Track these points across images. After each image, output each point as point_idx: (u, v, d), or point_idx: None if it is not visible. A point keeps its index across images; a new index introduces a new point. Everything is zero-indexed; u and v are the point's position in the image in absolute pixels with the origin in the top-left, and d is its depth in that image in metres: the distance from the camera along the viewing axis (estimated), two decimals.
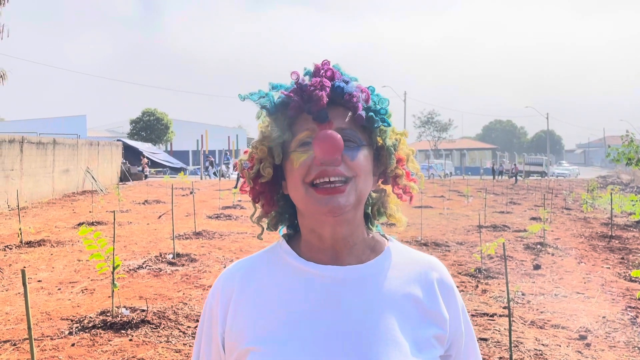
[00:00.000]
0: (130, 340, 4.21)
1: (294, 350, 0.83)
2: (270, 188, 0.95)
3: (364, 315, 0.86)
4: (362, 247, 0.93)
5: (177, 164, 33.90)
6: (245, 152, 0.98)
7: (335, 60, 0.95)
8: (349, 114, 0.89)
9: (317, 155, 0.84)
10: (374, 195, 0.99)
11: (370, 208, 1.00)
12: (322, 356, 0.82)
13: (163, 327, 4.49)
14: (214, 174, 30.60)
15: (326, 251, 0.90)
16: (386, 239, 0.98)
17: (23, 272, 2.17)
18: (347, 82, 0.90)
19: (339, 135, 0.84)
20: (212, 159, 33.22)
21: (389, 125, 0.93)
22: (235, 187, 17.55)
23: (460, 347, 0.95)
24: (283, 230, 1.01)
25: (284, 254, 0.94)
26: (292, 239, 0.97)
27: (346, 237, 0.90)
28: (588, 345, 4.46)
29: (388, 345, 0.84)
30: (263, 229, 1.00)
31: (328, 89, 0.87)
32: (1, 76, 15.32)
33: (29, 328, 2.27)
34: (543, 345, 4.41)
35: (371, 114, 0.90)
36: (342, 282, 0.88)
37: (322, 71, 0.90)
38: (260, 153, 0.92)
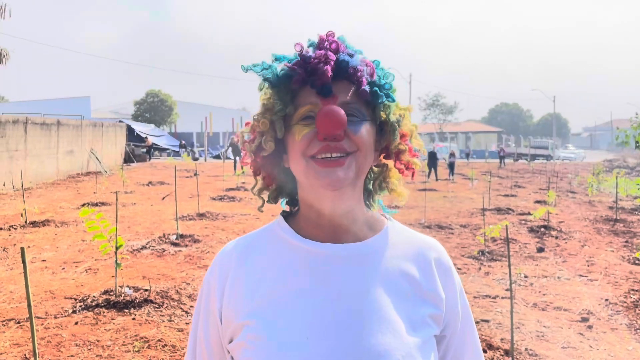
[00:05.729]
0: (133, 319, 4.24)
1: (287, 326, 0.83)
2: (272, 161, 0.94)
3: (359, 293, 0.85)
4: (361, 225, 0.91)
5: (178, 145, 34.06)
6: (247, 123, 0.95)
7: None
8: (353, 88, 0.87)
9: (320, 131, 0.82)
10: (375, 169, 0.98)
11: (372, 183, 0.98)
12: (315, 332, 0.82)
13: (166, 307, 4.52)
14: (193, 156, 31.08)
15: (324, 228, 0.89)
16: (386, 218, 0.97)
17: (22, 250, 2.16)
18: (352, 55, 0.88)
19: (343, 111, 0.82)
20: (184, 143, 34.61)
21: (393, 100, 0.91)
22: (235, 168, 17.49)
23: (456, 328, 0.93)
24: (286, 207, 1.00)
25: (281, 231, 0.93)
26: (291, 216, 0.96)
27: (345, 213, 0.89)
28: (590, 327, 4.47)
29: (382, 324, 0.83)
30: (264, 201, 0.99)
31: (332, 63, 0.85)
32: (4, 56, 15.25)
33: (29, 306, 2.27)
34: (545, 327, 4.42)
35: (375, 88, 0.88)
36: (339, 260, 0.87)
37: (326, 43, 0.88)
38: (262, 126, 0.90)
